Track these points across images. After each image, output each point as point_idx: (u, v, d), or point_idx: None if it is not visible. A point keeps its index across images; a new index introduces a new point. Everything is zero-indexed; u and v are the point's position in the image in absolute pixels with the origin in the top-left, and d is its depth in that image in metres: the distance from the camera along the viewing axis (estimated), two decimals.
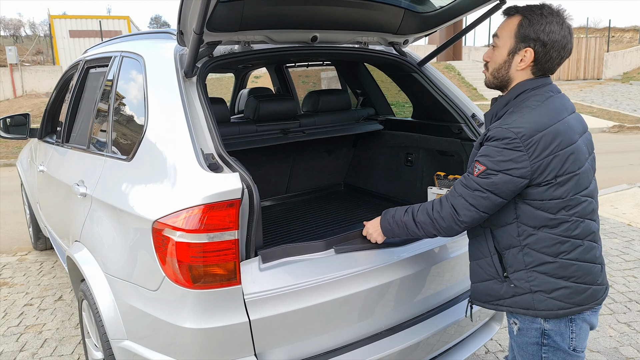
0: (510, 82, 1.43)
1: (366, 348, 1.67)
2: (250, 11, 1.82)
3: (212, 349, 1.48)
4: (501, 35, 1.41)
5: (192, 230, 1.43)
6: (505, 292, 1.43)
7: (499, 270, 1.44)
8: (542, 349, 1.42)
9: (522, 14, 1.37)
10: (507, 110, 1.39)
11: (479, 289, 1.51)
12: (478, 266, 1.50)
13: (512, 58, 1.39)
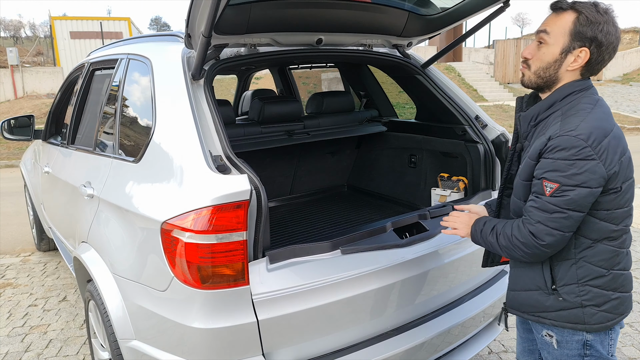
0: (556, 83, 1.33)
1: (372, 348, 1.69)
2: (257, 14, 1.84)
3: (220, 348, 1.49)
4: (552, 32, 1.29)
5: (201, 231, 1.45)
6: (551, 305, 1.35)
7: (548, 282, 1.35)
8: (584, 358, 1.38)
9: (576, 10, 1.27)
10: (552, 113, 1.31)
11: (520, 297, 1.43)
12: (524, 274, 1.41)
13: (564, 57, 1.29)
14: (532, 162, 1.29)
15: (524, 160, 1.35)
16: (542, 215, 1.24)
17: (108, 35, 20.36)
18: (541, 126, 1.33)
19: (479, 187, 2.27)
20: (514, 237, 1.30)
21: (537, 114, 1.35)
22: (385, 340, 1.72)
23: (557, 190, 1.21)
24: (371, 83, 3.15)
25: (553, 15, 1.31)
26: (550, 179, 1.22)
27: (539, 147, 1.27)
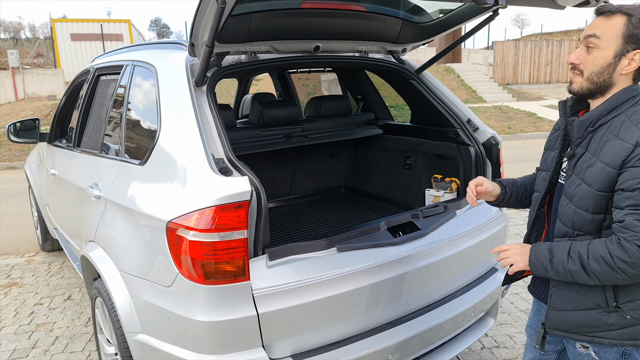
0: (610, 88, 1.29)
1: (366, 341, 1.77)
2: (257, 24, 1.93)
3: (222, 340, 1.58)
4: (603, 35, 1.26)
5: (205, 229, 1.54)
6: (614, 323, 1.29)
7: (610, 300, 1.29)
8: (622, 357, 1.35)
9: (625, 14, 1.25)
10: (614, 117, 1.27)
11: (574, 318, 1.34)
12: (581, 294, 1.32)
13: (618, 60, 1.26)
14: (614, 171, 1.21)
15: (589, 168, 1.28)
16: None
17: (108, 37, 20.47)
18: (602, 131, 1.28)
19: None
20: (617, 258, 1.18)
21: (596, 118, 1.29)
22: (378, 334, 1.81)
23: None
24: (368, 87, 3.24)
25: (601, 18, 1.28)
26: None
27: (621, 155, 1.21)
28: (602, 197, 1.24)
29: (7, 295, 3.68)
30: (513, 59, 21.09)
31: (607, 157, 1.23)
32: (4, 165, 9.75)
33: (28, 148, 11.00)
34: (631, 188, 1.18)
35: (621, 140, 1.22)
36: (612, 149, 1.23)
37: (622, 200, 1.19)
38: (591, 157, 1.28)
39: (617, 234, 1.20)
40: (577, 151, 1.32)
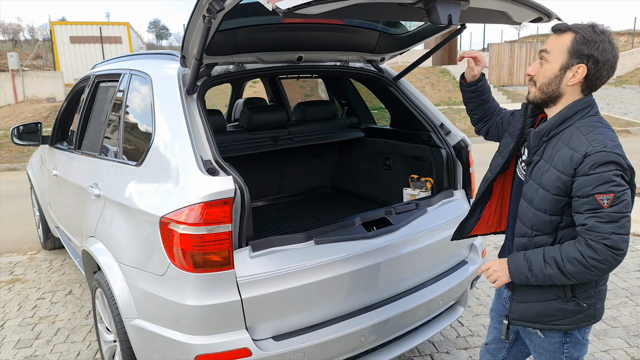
0: (559, 98, 1.43)
1: (341, 324, 1.96)
2: (243, 38, 2.12)
3: (210, 322, 1.77)
4: (552, 50, 1.41)
5: (194, 223, 1.72)
6: (572, 310, 1.45)
7: (567, 292, 1.44)
8: (564, 345, 1.54)
9: (574, 31, 1.39)
10: (565, 128, 1.41)
11: (535, 309, 1.50)
12: (541, 287, 1.47)
13: (563, 73, 1.40)
14: (568, 178, 1.34)
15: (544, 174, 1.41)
16: (611, 226, 1.28)
17: (107, 40, 20.64)
18: (555, 141, 1.42)
19: (443, 186, 2.55)
20: (589, 257, 1.30)
21: (549, 129, 1.43)
22: (352, 318, 2.00)
23: (614, 199, 1.28)
24: (352, 93, 3.44)
25: (554, 36, 1.43)
26: (603, 192, 1.28)
27: (572, 164, 1.33)
28: (558, 201, 1.38)
29: (10, 290, 3.86)
30: (509, 61, 21.30)
31: (560, 165, 1.37)
32: (4, 167, 9.91)
33: (28, 150, 11.18)
34: (586, 194, 1.31)
35: (572, 149, 1.35)
36: (564, 158, 1.36)
37: (580, 206, 1.33)
38: (545, 164, 1.42)
39: (584, 236, 1.32)
40: (534, 159, 1.47)
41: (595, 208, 1.30)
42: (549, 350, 1.56)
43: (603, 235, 1.29)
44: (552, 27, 1.45)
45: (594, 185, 1.30)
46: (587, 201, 1.31)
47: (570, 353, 1.55)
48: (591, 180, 1.30)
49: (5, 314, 3.46)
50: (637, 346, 2.81)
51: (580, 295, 1.44)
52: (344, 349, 1.97)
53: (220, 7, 1.61)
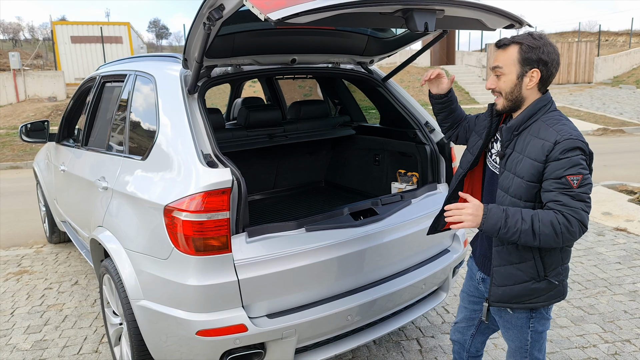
0: (523, 101, 1.61)
1: (329, 304, 2.14)
2: (240, 42, 2.30)
3: (209, 300, 1.95)
4: (504, 65, 1.59)
5: (195, 211, 1.91)
6: (544, 289, 1.62)
7: (540, 272, 1.59)
8: (531, 320, 1.72)
9: (517, 43, 1.56)
10: (532, 123, 1.58)
11: (513, 291, 1.63)
12: (517, 270, 1.61)
13: (521, 81, 1.58)
14: (540, 165, 1.51)
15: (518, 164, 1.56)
16: (581, 204, 1.46)
17: (108, 39, 20.80)
18: (525, 134, 1.59)
19: (427, 180, 2.74)
20: (562, 226, 1.45)
21: (519, 125, 1.61)
22: (340, 299, 2.18)
23: (582, 180, 1.46)
24: (344, 93, 3.62)
25: (500, 51, 1.61)
26: (573, 174, 1.46)
27: (544, 151, 1.50)
28: (533, 187, 1.55)
29: (19, 281, 4.04)
30: None
31: (533, 154, 1.54)
32: (7, 165, 10.07)
33: (30, 148, 11.36)
34: (559, 176, 1.49)
35: (542, 139, 1.54)
36: (536, 148, 1.54)
37: (551, 185, 1.50)
38: (519, 155, 1.58)
39: (560, 209, 1.47)
40: (507, 152, 1.63)
41: (567, 188, 1.47)
42: (517, 325, 1.74)
43: (575, 210, 1.46)
44: (496, 43, 1.63)
45: (565, 168, 1.47)
46: (559, 182, 1.48)
47: (535, 327, 1.73)
48: (562, 163, 1.48)
49: (15, 302, 3.64)
50: (611, 331, 2.99)
51: (550, 274, 1.62)
52: (332, 327, 2.15)
53: (219, 16, 1.79)
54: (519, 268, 1.62)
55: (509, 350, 1.83)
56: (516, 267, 1.63)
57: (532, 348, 1.75)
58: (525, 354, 1.76)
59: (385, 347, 2.88)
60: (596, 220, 5.11)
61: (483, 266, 1.84)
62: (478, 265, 1.88)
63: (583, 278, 3.74)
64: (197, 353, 2.01)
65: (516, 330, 1.76)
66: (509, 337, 1.79)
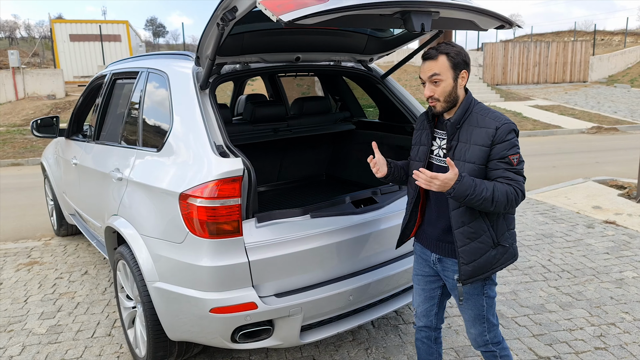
0: (457, 100, 1.86)
1: (332, 285, 2.30)
2: (249, 41, 2.46)
3: (222, 280, 2.10)
4: (441, 72, 1.82)
5: (209, 197, 2.06)
6: (499, 254, 1.87)
7: (494, 239, 1.85)
8: (484, 287, 1.93)
9: (444, 53, 1.81)
10: (468, 117, 1.84)
11: (480, 264, 1.84)
12: (480, 243, 1.83)
13: (456, 82, 1.83)
14: (487, 149, 1.78)
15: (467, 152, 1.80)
16: (521, 178, 1.80)
17: (107, 38, 20.88)
18: (465, 127, 1.84)
19: None
20: (513, 195, 1.75)
21: (459, 120, 1.86)
22: (342, 281, 2.34)
23: (519, 158, 1.80)
24: (344, 90, 3.78)
25: (431, 62, 1.83)
26: (512, 154, 1.78)
27: (489, 137, 1.77)
28: (482, 170, 1.81)
29: (30, 271, 4.18)
30: (502, 60, 21.67)
31: (479, 141, 1.80)
32: (8, 162, 10.16)
33: (31, 145, 11.47)
34: (504, 156, 1.78)
35: (484, 127, 1.81)
36: (481, 135, 1.80)
37: (497, 165, 1.79)
38: (465, 144, 1.83)
39: (509, 183, 1.77)
40: (452, 144, 1.86)
41: (509, 165, 1.78)
42: (474, 294, 1.94)
43: (519, 183, 1.78)
44: (425, 55, 1.86)
45: (507, 149, 1.78)
46: (503, 161, 1.78)
47: (488, 293, 1.95)
48: (505, 145, 1.78)
49: (27, 290, 3.79)
50: (597, 315, 3.17)
51: (501, 239, 1.88)
52: (335, 306, 2.31)
53: (232, 17, 1.94)
54: (480, 241, 1.85)
55: (467, 321, 2.01)
56: (477, 241, 1.84)
57: (487, 313, 1.97)
58: (482, 320, 1.97)
59: (384, 330, 3.05)
60: (586, 213, 5.29)
61: (438, 249, 1.99)
62: (431, 248, 2.02)
63: (572, 267, 3.92)
64: (211, 330, 2.17)
65: (473, 299, 1.95)
66: (467, 306, 1.97)
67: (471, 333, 2.02)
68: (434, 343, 2.18)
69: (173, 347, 2.47)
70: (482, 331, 1.99)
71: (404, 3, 1.82)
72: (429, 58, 1.84)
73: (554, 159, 9.14)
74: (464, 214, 1.83)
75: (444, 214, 1.93)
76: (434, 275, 2.08)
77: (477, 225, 1.84)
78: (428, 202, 2.02)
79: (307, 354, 2.81)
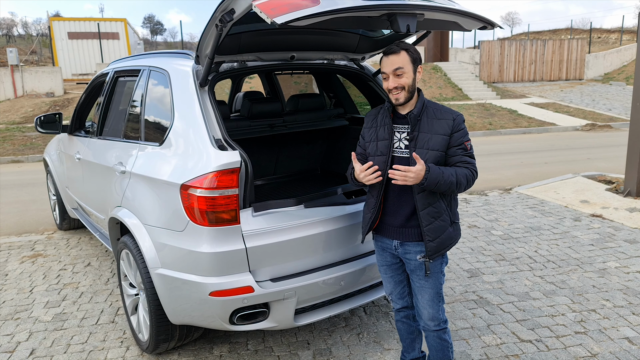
0: (414, 92, 2.06)
1: (324, 271, 2.44)
2: (245, 40, 2.59)
3: (221, 265, 2.24)
4: (404, 66, 2.01)
5: (209, 188, 2.20)
6: (454, 231, 2.12)
7: (451, 217, 2.11)
8: (442, 265, 2.14)
9: (404, 49, 2.02)
10: (424, 110, 2.06)
11: (442, 239, 2.06)
12: (442, 221, 2.06)
13: (415, 76, 2.04)
14: (447, 137, 2.02)
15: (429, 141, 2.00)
16: (474, 160, 2.07)
17: (105, 35, 20.96)
18: (424, 119, 2.04)
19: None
20: (470, 177, 2.03)
21: (419, 112, 2.06)
22: (334, 267, 2.48)
23: (470, 143, 2.07)
24: (338, 87, 3.91)
25: (394, 56, 2.01)
26: (466, 140, 2.06)
27: (448, 126, 2.03)
28: (442, 156, 2.04)
29: (34, 263, 4.32)
30: (499, 58, 21.82)
31: (441, 130, 2.04)
32: (8, 159, 10.27)
33: (30, 143, 11.58)
34: (460, 143, 2.05)
35: (442, 119, 2.06)
36: (441, 125, 2.05)
37: (456, 151, 2.05)
38: (427, 134, 2.03)
39: (467, 166, 2.04)
40: (414, 134, 2.04)
41: (464, 150, 2.05)
42: (435, 272, 2.13)
43: (474, 165, 2.07)
44: (388, 50, 2.04)
45: (462, 136, 2.05)
46: (460, 147, 2.04)
47: (442, 270, 2.16)
48: (461, 133, 2.05)
49: (32, 281, 3.92)
50: (579, 302, 3.32)
51: (454, 218, 2.14)
52: (327, 290, 2.45)
53: (230, 18, 2.07)
54: (441, 220, 2.07)
55: (426, 301, 2.14)
56: (440, 220, 2.07)
57: (441, 290, 2.17)
58: (439, 297, 2.17)
59: (375, 316, 3.20)
60: (574, 207, 5.45)
61: (401, 235, 2.13)
62: (392, 237, 2.16)
63: (557, 258, 4.07)
64: (210, 312, 2.31)
65: (434, 276, 2.14)
66: (427, 286, 2.13)
67: (428, 313, 2.16)
68: (412, 321, 2.37)
69: (175, 331, 2.61)
70: (438, 309, 2.17)
71: (390, 6, 1.96)
72: (393, 53, 2.03)
73: (546, 155, 9.30)
74: (428, 197, 2.04)
75: (407, 202, 2.08)
76: (397, 262, 2.23)
77: (438, 205, 2.06)
78: (387, 195, 2.14)
79: (301, 338, 2.96)
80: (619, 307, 3.24)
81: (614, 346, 2.80)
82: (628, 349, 2.77)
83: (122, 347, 2.92)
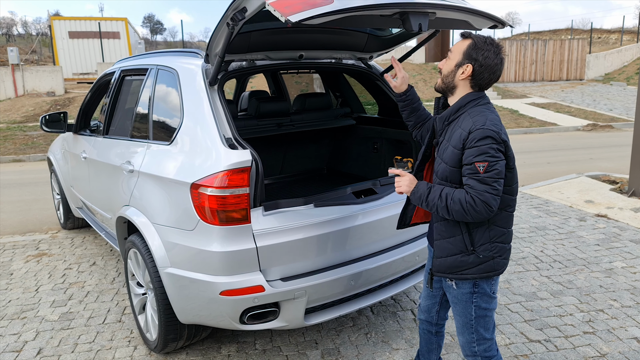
0: (454, 89, 1.79)
1: (334, 271, 2.43)
2: (255, 39, 2.59)
3: (231, 264, 2.24)
4: (454, 51, 1.80)
5: (220, 187, 2.19)
6: (472, 262, 1.78)
7: (468, 246, 1.77)
8: (473, 296, 1.85)
9: (473, 39, 1.76)
10: (460, 115, 1.76)
11: (447, 263, 1.81)
12: (449, 243, 1.80)
13: (457, 69, 1.77)
14: (458, 152, 1.69)
15: (445, 151, 1.75)
16: (486, 187, 1.64)
17: (106, 35, 20.94)
18: (453, 125, 1.78)
19: None
20: (467, 204, 1.65)
21: (448, 116, 1.81)
22: (344, 266, 2.47)
23: (488, 167, 1.64)
24: (345, 86, 3.91)
25: (460, 40, 1.81)
26: (480, 161, 1.64)
27: (462, 139, 1.69)
28: (456, 171, 1.75)
29: (39, 262, 4.31)
30: None
31: (454, 142, 1.74)
32: (10, 159, 10.25)
33: (32, 142, 11.56)
34: (469, 162, 1.68)
35: (462, 129, 1.73)
36: (456, 135, 1.75)
37: (465, 170, 1.71)
38: (446, 143, 1.79)
39: (468, 190, 1.68)
40: (439, 140, 1.86)
41: (475, 172, 1.66)
42: (462, 300, 1.88)
43: (480, 192, 1.65)
44: (460, 33, 1.84)
45: (474, 155, 1.67)
46: (470, 167, 1.67)
47: (478, 303, 1.86)
48: (473, 151, 1.67)
49: (38, 280, 3.91)
50: (586, 302, 3.32)
51: (478, 249, 1.78)
52: (337, 290, 2.45)
53: (242, 17, 2.07)
54: (450, 242, 1.81)
55: (458, 327, 1.95)
56: (447, 240, 1.82)
57: (478, 325, 1.89)
58: (471, 329, 1.90)
59: (383, 316, 3.19)
60: (579, 207, 5.45)
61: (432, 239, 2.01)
62: (430, 242, 2.05)
63: (564, 258, 4.07)
64: (220, 312, 2.30)
65: (461, 305, 1.89)
66: (456, 312, 1.93)
67: (460, 340, 1.97)
68: (434, 336, 2.23)
69: (183, 330, 2.60)
70: (470, 341, 1.92)
71: (402, 5, 1.95)
72: (462, 36, 1.83)
73: (549, 155, 9.30)
74: None
75: None
76: None
77: (448, 226, 1.81)
78: None
79: (309, 338, 2.95)
80: (627, 307, 3.24)
81: (622, 346, 2.80)
82: (637, 349, 2.76)
83: (130, 347, 2.91)
